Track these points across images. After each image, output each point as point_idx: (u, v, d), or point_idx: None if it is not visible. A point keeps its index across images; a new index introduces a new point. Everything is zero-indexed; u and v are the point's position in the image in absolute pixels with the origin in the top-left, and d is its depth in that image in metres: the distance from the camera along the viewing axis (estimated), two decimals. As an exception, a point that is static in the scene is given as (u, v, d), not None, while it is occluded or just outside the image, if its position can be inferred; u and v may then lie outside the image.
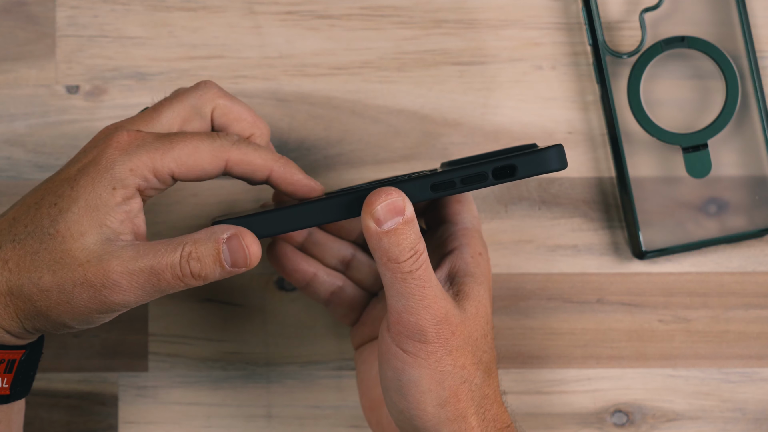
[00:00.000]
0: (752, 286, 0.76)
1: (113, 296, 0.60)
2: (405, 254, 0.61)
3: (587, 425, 0.76)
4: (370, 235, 0.61)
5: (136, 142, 0.61)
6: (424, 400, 0.63)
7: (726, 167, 0.75)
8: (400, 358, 0.63)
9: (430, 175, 0.63)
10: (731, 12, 0.75)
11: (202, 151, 0.62)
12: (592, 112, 0.76)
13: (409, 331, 0.62)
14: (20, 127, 0.76)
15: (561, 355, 0.76)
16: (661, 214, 0.75)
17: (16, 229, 0.61)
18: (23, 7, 0.76)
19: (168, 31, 0.76)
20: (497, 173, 0.62)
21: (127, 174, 0.61)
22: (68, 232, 0.60)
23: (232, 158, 0.63)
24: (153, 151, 0.61)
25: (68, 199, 0.60)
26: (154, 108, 0.64)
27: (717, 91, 0.75)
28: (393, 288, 0.62)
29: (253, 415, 0.76)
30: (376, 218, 0.61)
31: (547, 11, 0.76)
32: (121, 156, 0.61)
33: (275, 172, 0.64)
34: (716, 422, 0.76)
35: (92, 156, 0.61)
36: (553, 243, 0.76)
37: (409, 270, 0.61)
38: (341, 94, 0.76)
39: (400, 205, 0.61)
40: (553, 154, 0.62)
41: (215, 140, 0.63)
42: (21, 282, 0.60)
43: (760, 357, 0.76)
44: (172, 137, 0.62)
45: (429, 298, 0.62)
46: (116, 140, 0.61)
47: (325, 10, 0.76)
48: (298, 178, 0.65)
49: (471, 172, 0.62)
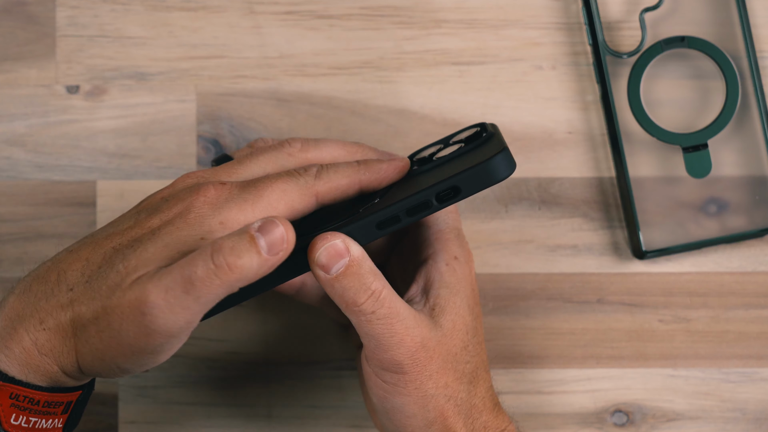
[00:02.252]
0: (752, 286, 0.76)
1: (155, 322, 0.57)
2: (361, 297, 0.60)
3: (587, 425, 0.76)
4: (322, 283, 0.61)
5: (224, 195, 0.60)
6: (411, 423, 0.63)
7: (726, 167, 0.75)
8: (382, 387, 0.62)
9: (373, 213, 0.61)
10: (731, 12, 0.75)
11: (290, 193, 0.61)
12: (592, 112, 0.76)
13: (386, 366, 0.62)
14: (20, 127, 0.76)
15: (561, 355, 0.76)
16: (661, 214, 0.75)
17: (90, 271, 0.59)
18: (23, 7, 0.76)
19: (168, 31, 0.76)
20: (442, 197, 0.61)
21: (217, 226, 0.59)
22: (134, 267, 0.58)
23: (320, 192, 0.62)
24: (242, 202, 0.59)
25: (147, 241, 0.59)
26: (239, 161, 0.63)
27: (717, 91, 0.75)
28: (360, 330, 0.61)
29: (253, 415, 0.76)
30: (321, 265, 0.60)
31: (547, 11, 0.76)
32: (211, 210, 0.59)
33: (363, 181, 0.63)
34: (716, 422, 0.76)
35: (178, 210, 0.59)
36: (553, 243, 0.76)
37: (371, 311, 0.61)
38: (341, 94, 0.76)
39: (341, 248, 0.60)
40: (498, 162, 0.60)
41: (299, 178, 0.61)
42: (82, 320, 0.58)
43: (760, 357, 0.76)
44: (258, 184, 0.60)
45: (399, 334, 0.61)
46: (203, 194, 0.59)
47: (325, 10, 0.76)
48: (385, 173, 0.63)
49: (414, 203, 0.61)
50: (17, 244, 0.76)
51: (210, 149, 0.76)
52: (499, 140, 0.63)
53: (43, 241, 0.76)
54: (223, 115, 0.76)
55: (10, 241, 0.76)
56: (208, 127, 0.76)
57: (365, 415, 0.76)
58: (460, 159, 0.64)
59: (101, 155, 0.76)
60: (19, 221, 0.76)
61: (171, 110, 0.76)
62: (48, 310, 0.59)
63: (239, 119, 0.76)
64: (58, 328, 0.59)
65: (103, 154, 0.76)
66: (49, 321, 0.59)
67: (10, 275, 0.76)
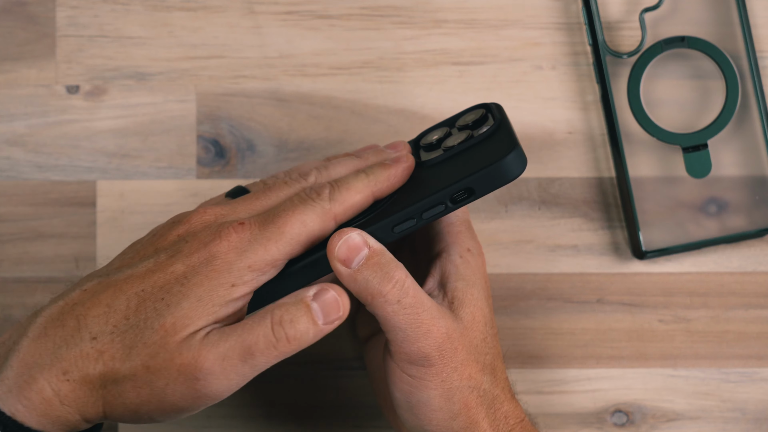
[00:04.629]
0: (752, 286, 0.76)
1: (208, 387, 0.57)
2: (386, 286, 0.60)
3: (587, 425, 0.76)
4: (344, 279, 0.61)
5: (246, 236, 0.59)
6: (436, 417, 0.62)
7: (726, 167, 0.75)
8: (407, 382, 0.62)
9: (388, 216, 0.62)
10: (731, 12, 0.75)
11: (309, 224, 0.61)
12: (592, 112, 0.76)
13: (413, 359, 0.62)
14: (20, 127, 0.76)
15: (561, 355, 0.76)
16: (661, 214, 0.75)
17: (115, 320, 0.58)
18: (23, 7, 0.76)
19: (168, 31, 0.76)
20: (456, 199, 0.61)
21: (245, 271, 0.59)
22: (173, 327, 0.58)
23: (337, 214, 0.62)
24: (266, 242, 0.59)
25: (179, 294, 0.58)
26: (256, 195, 0.63)
27: (717, 91, 0.75)
28: (386, 322, 0.61)
29: (253, 415, 0.76)
30: (342, 260, 0.60)
31: (547, 11, 0.76)
32: (237, 255, 0.59)
33: (375, 193, 0.63)
34: (716, 422, 0.76)
35: (202, 256, 0.59)
36: (553, 243, 0.76)
37: (397, 300, 0.61)
38: (341, 94, 0.76)
39: (359, 240, 0.60)
40: (511, 162, 0.61)
41: (315, 205, 0.61)
42: (115, 376, 0.58)
43: (760, 357, 0.76)
44: (276, 219, 0.60)
45: (426, 324, 0.61)
46: (226, 239, 0.59)
47: (325, 10, 0.76)
48: (394, 179, 0.64)
49: (429, 205, 0.61)
50: (17, 244, 0.76)
51: (210, 149, 0.76)
52: (508, 133, 0.63)
53: (43, 241, 0.76)
54: (223, 115, 0.76)
55: (10, 241, 0.76)
56: (208, 127, 0.76)
57: (365, 415, 0.76)
58: (470, 153, 0.64)
59: (101, 155, 0.76)
60: (19, 221, 0.76)
61: (171, 110, 0.76)
62: (71, 360, 0.58)
63: (239, 119, 0.76)
64: (85, 380, 0.58)
65: (103, 154, 0.76)
66: (74, 372, 0.58)
67: (10, 275, 0.76)
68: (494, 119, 0.65)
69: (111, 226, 0.76)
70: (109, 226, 0.76)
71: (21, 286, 0.76)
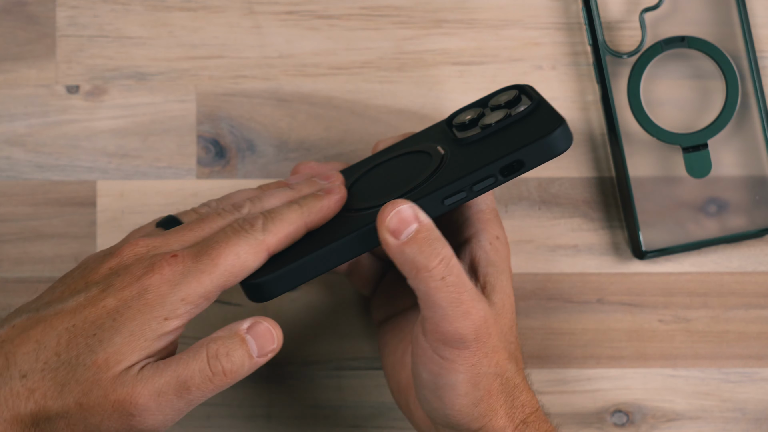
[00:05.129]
0: (752, 286, 0.76)
1: (143, 423, 0.57)
2: (433, 261, 0.60)
3: (587, 425, 0.76)
4: (391, 250, 0.61)
5: (179, 269, 0.59)
6: (460, 402, 0.62)
7: (726, 167, 0.75)
8: (438, 363, 0.62)
9: (439, 187, 0.62)
10: (731, 12, 0.75)
11: (243, 255, 0.60)
12: (592, 112, 0.76)
13: (448, 339, 0.61)
14: (20, 127, 0.76)
15: (561, 355, 0.76)
16: (661, 214, 0.75)
17: (45, 356, 0.58)
18: (23, 7, 0.76)
19: (168, 31, 0.76)
20: (505, 171, 0.62)
21: (179, 304, 0.59)
22: (105, 363, 0.57)
23: (270, 245, 0.61)
24: (199, 274, 0.59)
25: (111, 329, 0.58)
26: (189, 227, 0.62)
27: (717, 91, 0.75)
28: (428, 299, 0.61)
29: (253, 415, 0.76)
30: (392, 230, 0.60)
31: (547, 11, 0.76)
32: (170, 288, 0.59)
33: (309, 223, 0.63)
34: (716, 422, 0.76)
35: (135, 290, 0.59)
36: (553, 243, 0.76)
37: (441, 277, 0.60)
38: (341, 94, 0.76)
39: (410, 214, 0.60)
40: (560, 135, 0.62)
41: (249, 237, 0.61)
42: (48, 414, 0.57)
43: (760, 357, 0.76)
44: (210, 251, 0.60)
45: (466, 304, 0.61)
46: (158, 272, 0.59)
47: (325, 10, 0.76)
48: (327, 211, 0.64)
49: (480, 177, 0.62)
50: (17, 244, 0.76)
51: (210, 149, 0.76)
52: (551, 110, 0.64)
53: (42, 241, 0.76)
54: (223, 115, 0.76)
55: (10, 241, 0.76)
56: (208, 127, 0.76)
57: (365, 415, 0.76)
58: (513, 130, 0.64)
59: (101, 155, 0.76)
60: (19, 221, 0.76)
61: (171, 110, 0.76)
62: (1, 400, 0.57)
63: (239, 119, 0.76)
64: (16, 419, 0.57)
65: (103, 154, 0.76)
66: (4, 411, 0.57)
67: (10, 275, 0.76)
68: (531, 98, 0.66)
69: (111, 226, 0.76)
70: (109, 226, 0.76)
71: (21, 286, 0.76)
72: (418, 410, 0.67)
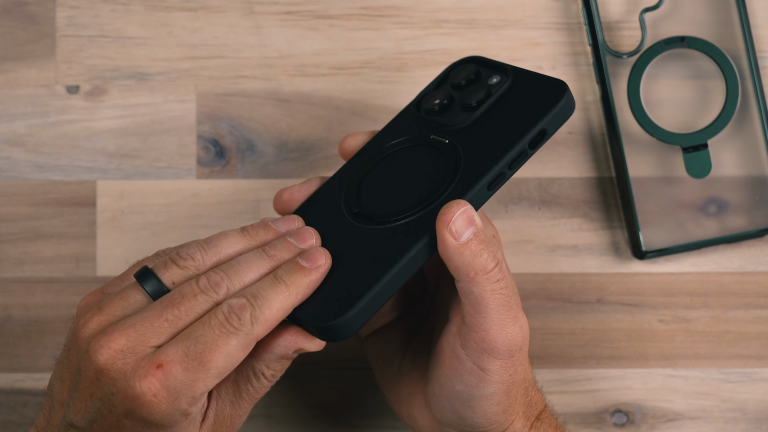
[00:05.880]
0: (752, 286, 0.76)
1: None
2: (491, 263, 0.60)
3: (587, 425, 0.76)
4: (450, 250, 0.59)
5: (170, 382, 0.57)
6: (492, 410, 0.62)
7: (726, 167, 0.75)
8: (476, 375, 0.62)
9: (480, 176, 0.61)
10: (731, 12, 0.75)
11: (234, 354, 0.58)
12: (592, 112, 0.76)
13: (496, 348, 0.61)
14: (20, 127, 0.76)
15: (561, 355, 0.76)
16: (661, 214, 0.75)
17: None
18: (23, 7, 0.76)
19: (168, 31, 0.76)
20: (533, 143, 0.61)
21: (185, 407, 0.58)
22: None
23: (259, 335, 0.58)
24: (192, 383, 0.57)
25: None
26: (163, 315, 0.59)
27: (717, 91, 0.75)
28: (482, 302, 0.60)
29: (253, 415, 0.76)
30: (453, 232, 0.59)
31: (547, 11, 0.76)
32: (171, 404, 0.57)
33: (296, 305, 0.60)
34: (716, 422, 0.76)
35: (126, 407, 0.57)
36: (553, 243, 0.76)
37: (497, 279, 0.60)
38: (341, 94, 0.76)
39: (472, 216, 0.60)
40: (570, 96, 0.62)
41: (238, 333, 0.57)
42: None
43: (760, 357, 0.76)
44: (199, 357, 0.57)
45: (513, 309, 0.61)
46: (151, 393, 0.57)
47: (325, 10, 0.76)
48: (313, 286, 0.60)
49: (514, 156, 0.61)
50: (17, 244, 0.76)
51: (210, 149, 0.76)
52: (540, 76, 0.64)
53: (43, 241, 0.76)
54: (223, 115, 0.76)
55: (10, 241, 0.76)
56: (208, 127, 0.76)
57: (365, 414, 0.76)
58: (513, 102, 0.64)
59: (101, 155, 0.76)
60: (19, 221, 0.76)
61: (171, 110, 0.76)
62: None
63: (239, 119, 0.76)
64: None
65: (103, 154, 0.76)
66: None
67: (10, 275, 0.76)
68: (498, 69, 0.65)
69: (111, 226, 0.76)
70: (109, 226, 0.76)
71: (21, 286, 0.76)
72: (423, 418, 0.66)
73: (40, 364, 0.76)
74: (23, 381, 0.76)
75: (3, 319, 0.76)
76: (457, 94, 0.67)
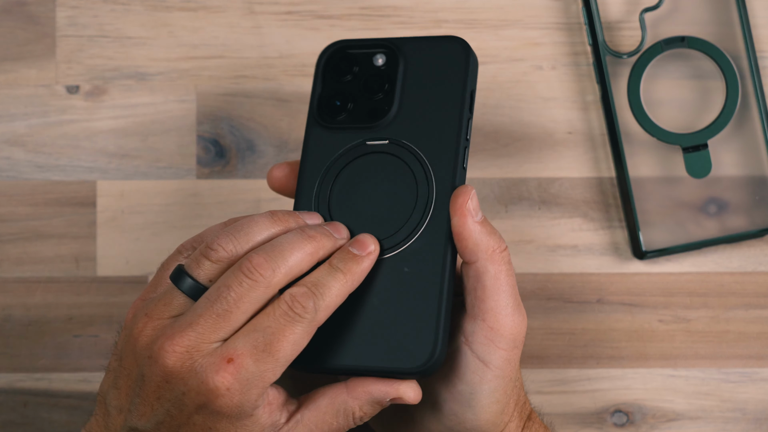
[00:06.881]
0: (752, 286, 0.76)
1: None
2: (501, 243, 0.61)
3: (587, 425, 0.76)
4: (468, 229, 0.60)
5: (242, 375, 0.58)
6: (492, 409, 0.62)
7: (726, 167, 0.75)
8: (480, 372, 0.61)
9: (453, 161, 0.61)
10: (731, 12, 0.75)
11: (300, 342, 0.58)
12: (592, 112, 0.76)
13: (503, 335, 0.61)
14: (20, 127, 0.76)
15: (561, 355, 0.76)
16: (661, 214, 0.75)
17: None
18: (23, 7, 0.76)
19: (168, 31, 0.76)
20: (471, 107, 0.61)
21: (257, 399, 0.58)
22: None
23: (321, 321, 0.59)
24: (262, 375, 0.58)
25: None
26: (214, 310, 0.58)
27: (717, 91, 0.75)
28: (496, 283, 0.61)
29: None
30: (471, 210, 0.60)
31: (547, 11, 0.76)
32: (243, 396, 0.58)
33: (350, 291, 0.60)
34: (716, 422, 0.76)
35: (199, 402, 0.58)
36: (553, 243, 0.76)
37: (508, 261, 0.61)
38: (341, 94, 0.76)
39: (477, 199, 0.61)
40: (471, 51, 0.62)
41: (303, 321, 0.58)
42: None
43: (760, 357, 0.76)
44: (268, 348, 0.58)
45: (519, 298, 0.61)
46: (225, 388, 0.57)
47: (325, 10, 0.76)
48: (366, 271, 0.61)
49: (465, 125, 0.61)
50: (17, 244, 0.76)
51: (210, 149, 0.76)
52: (421, 39, 0.62)
53: (43, 241, 0.76)
54: (223, 115, 0.76)
55: (10, 241, 0.76)
56: (208, 127, 0.76)
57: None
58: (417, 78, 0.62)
59: (101, 155, 0.76)
60: (19, 221, 0.76)
61: (171, 110, 0.76)
62: None
63: (239, 119, 0.76)
64: None
65: (103, 154, 0.76)
66: None
67: (10, 275, 0.76)
68: (379, 45, 0.63)
69: (111, 226, 0.76)
70: (109, 226, 0.76)
71: (21, 286, 0.76)
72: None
73: (40, 364, 0.76)
74: (23, 381, 0.76)
75: (3, 319, 0.76)
76: (356, 87, 0.63)
